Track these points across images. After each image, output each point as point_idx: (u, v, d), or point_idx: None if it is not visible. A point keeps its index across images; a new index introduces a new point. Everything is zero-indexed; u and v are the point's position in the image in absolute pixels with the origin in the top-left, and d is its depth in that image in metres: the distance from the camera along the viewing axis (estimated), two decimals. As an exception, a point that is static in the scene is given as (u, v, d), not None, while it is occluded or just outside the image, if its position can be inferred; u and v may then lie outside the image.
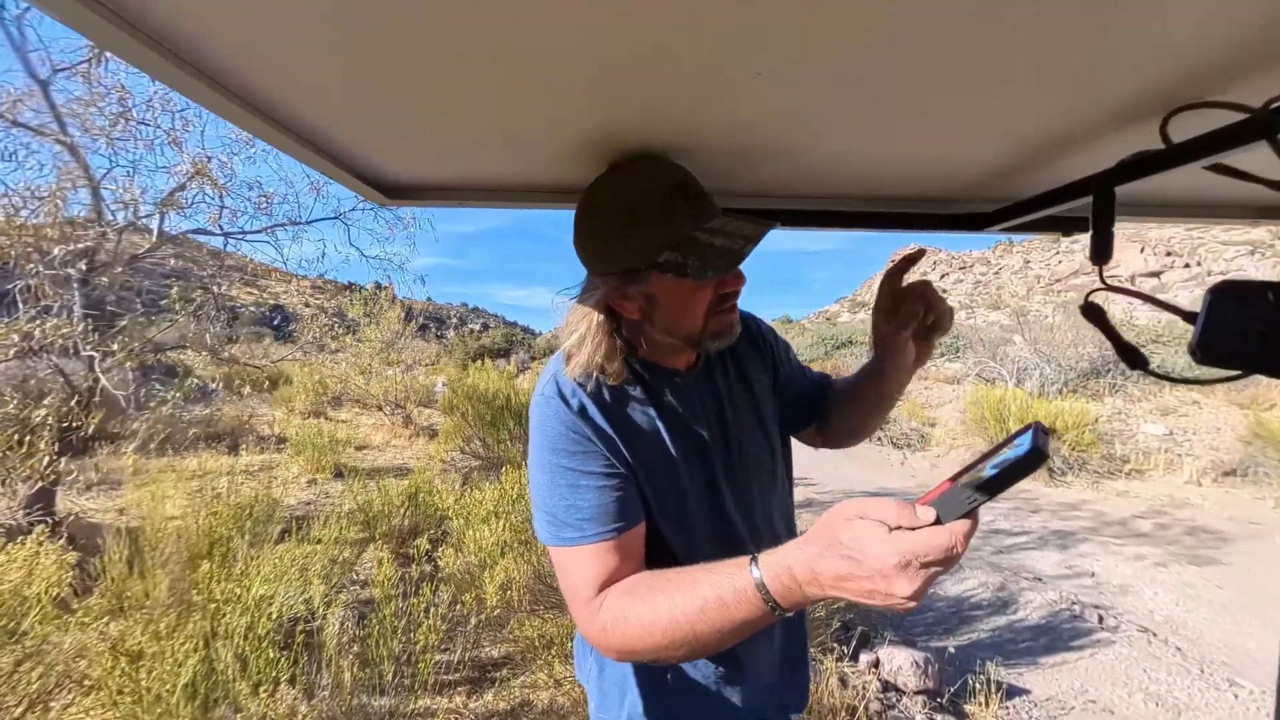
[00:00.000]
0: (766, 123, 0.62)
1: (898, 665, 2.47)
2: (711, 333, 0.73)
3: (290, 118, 0.63)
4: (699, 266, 0.64)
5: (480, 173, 0.80)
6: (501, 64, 0.49)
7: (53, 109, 2.59)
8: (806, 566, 0.52)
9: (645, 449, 0.74)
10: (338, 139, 0.71)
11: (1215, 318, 0.47)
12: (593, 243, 0.71)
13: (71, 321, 2.46)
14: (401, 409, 8.79)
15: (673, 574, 0.63)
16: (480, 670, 2.38)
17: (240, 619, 1.39)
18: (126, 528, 2.01)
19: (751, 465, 0.84)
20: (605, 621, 0.63)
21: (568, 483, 0.69)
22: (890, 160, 0.73)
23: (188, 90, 0.53)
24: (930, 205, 0.85)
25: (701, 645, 0.59)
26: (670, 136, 0.66)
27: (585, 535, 0.67)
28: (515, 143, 0.70)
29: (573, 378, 0.73)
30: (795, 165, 0.75)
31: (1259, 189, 0.73)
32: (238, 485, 3.46)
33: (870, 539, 0.48)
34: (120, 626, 1.49)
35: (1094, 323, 0.58)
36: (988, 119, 0.61)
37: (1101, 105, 0.56)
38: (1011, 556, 4.43)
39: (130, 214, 2.86)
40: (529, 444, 0.74)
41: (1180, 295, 36.02)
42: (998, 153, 0.69)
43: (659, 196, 0.66)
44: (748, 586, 0.55)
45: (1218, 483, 6.53)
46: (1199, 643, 3.16)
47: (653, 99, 0.56)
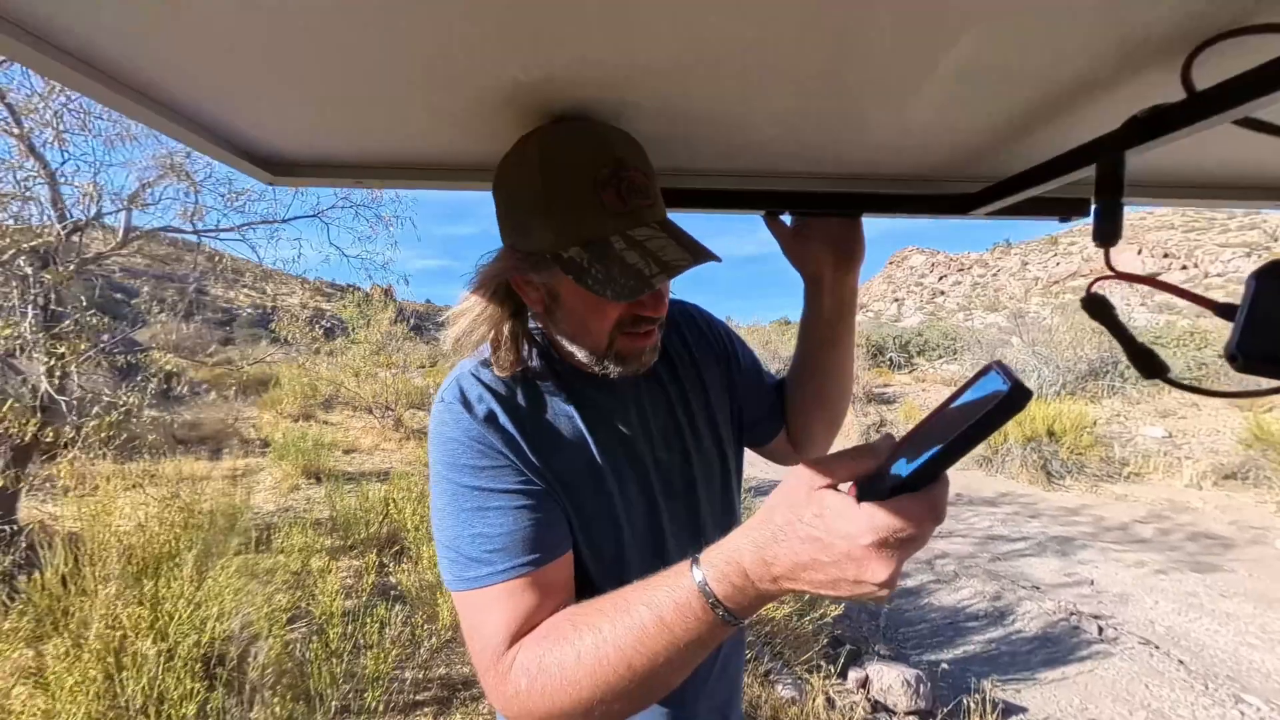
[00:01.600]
0: (713, 82, 0.50)
1: (888, 683, 2.35)
2: (617, 354, 0.60)
3: (149, 86, 0.52)
4: (600, 281, 0.52)
5: (381, 147, 0.68)
6: (380, 12, 0.38)
7: (2, 97, 2.47)
8: (757, 556, 0.42)
9: (569, 465, 0.62)
10: (207, 108, 0.59)
11: (1263, 310, 0.35)
12: (504, 207, 0.59)
13: (19, 321, 2.33)
14: (392, 412, 8.66)
15: (599, 601, 0.51)
16: (449, 689, 2.26)
17: (155, 645, 1.26)
18: (66, 539, 1.88)
19: (700, 479, 0.72)
20: (519, 683, 0.50)
21: (473, 506, 0.56)
22: (860, 131, 0.62)
23: (31, 62, 0.43)
24: (906, 185, 0.73)
25: (642, 689, 0.46)
26: (597, 98, 0.54)
27: (496, 571, 0.54)
28: (417, 108, 0.58)
29: (475, 374, 0.62)
30: (751, 138, 0.64)
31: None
32: (207, 492, 3.34)
33: (836, 514, 0.39)
34: (36, 650, 1.37)
35: (1099, 319, 0.47)
36: (972, 74, 0.49)
37: (1109, 48, 0.45)
38: (1009, 564, 4.32)
39: (87, 211, 2.74)
40: (429, 463, 0.62)
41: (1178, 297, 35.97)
42: (983, 118, 0.58)
43: (591, 176, 0.53)
44: (691, 597, 0.44)
45: (1218, 486, 6.43)
46: (1202, 655, 3.05)
47: (563, 44, 0.45)
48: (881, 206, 0.74)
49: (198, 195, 3.65)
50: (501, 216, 0.60)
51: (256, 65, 0.50)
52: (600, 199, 0.53)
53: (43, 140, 2.60)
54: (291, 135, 0.67)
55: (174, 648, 1.29)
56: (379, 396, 8.61)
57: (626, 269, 0.52)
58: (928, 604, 3.64)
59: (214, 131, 0.65)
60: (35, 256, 2.46)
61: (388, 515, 3.51)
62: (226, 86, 0.55)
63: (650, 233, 0.54)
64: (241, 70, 0.51)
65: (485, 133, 0.63)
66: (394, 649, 1.71)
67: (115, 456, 2.83)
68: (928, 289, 66.81)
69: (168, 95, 0.56)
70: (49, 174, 2.66)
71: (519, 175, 0.57)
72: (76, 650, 1.22)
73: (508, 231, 0.60)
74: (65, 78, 0.48)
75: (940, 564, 4.30)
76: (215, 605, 1.57)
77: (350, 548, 3.33)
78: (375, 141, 0.68)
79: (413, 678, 2.10)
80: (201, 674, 1.32)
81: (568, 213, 0.54)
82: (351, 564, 3.18)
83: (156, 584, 1.75)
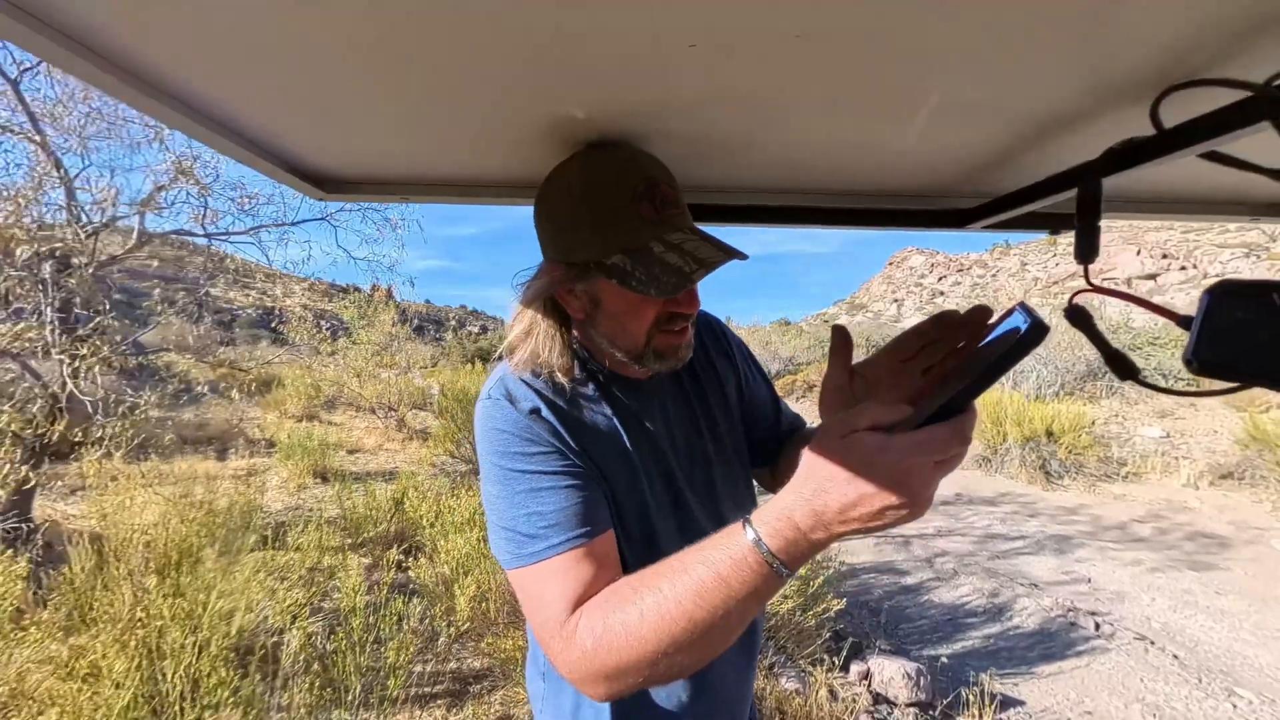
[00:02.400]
0: (732, 111, 0.57)
1: (889, 676, 2.41)
2: (655, 351, 0.66)
3: (212, 106, 0.58)
4: (644, 281, 0.58)
5: (423, 166, 0.74)
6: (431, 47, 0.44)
7: (25, 107, 2.53)
8: (808, 509, 0.46)
9: (606, 456, 0.68)
10: (263, 128, 0.65)
11: (1213, 322, 0.41)
12: (549, 225, 0.66)
13: (41, 324, 2.39)
14: (395, 412, 8.72)
15: (656, 566, 0.55)
16: (461, 682, 2.32)
17: (189, 636, 1.32)
18: (90, 536, 1.94)
19: (721, 484, 0.78)
20: (584, 643, 0.53)
21: (526, 488, 0.61)
22: (863, 153, 0.68)
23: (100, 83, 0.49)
24: (908, 201, 0.80)
25: (704, 640, 0.50)
26: (629, 127, 0.61)
27: (553, 545, 0.59)
28: (458, 133, 0.64)
29: (519, 376, 0.67)
30: (764, 158, 0.70)
31: (1258, 183, 0.67)
32: (219, 491, 3.39)
33: (872, 450, 0.43)
34: (74, 642, 1.42)
35: (1079, 328, 0.53)
36: (966, 106, 0.55)
37: (1087, 88, 0.51)
38: (1008, 562, 4.37)
39: (104, 215, 2.80)
40: (478, 456, 0.68)
41: (1176, 298, 36.14)
42: (977, 143, 0.64)
43: (628, 192, 0.60)
44: (746, 552, 0.48)
45: (1215, 485, 6.49)
46: (1197, 651, 3.11)
47: (602, 84, 0.51)
48: (885, 220, 0.80)
49: (208, 199, 3.72)
50: (547, 234, 0.66)
51: (314, 89, 0.55)
52: (638, 211, 0.60)
53: (63, 145, 2.66)
54: (342, 154, 0.73)
55: (209, 639, 1.35)
56: (382, 397, 8.67)
57: (668, 268, 0.58)
58: (927, 601, 3.70)
59: (268, 149, 0.70)
60: (55, 260, 2.52)
61: (397, 514, 3.57)
62: (283, 107, 0.60)
63: (684, 236, 0.61)
64: (298, 93, 0.56)
65: (528, 155, 0.69)
66: (413, 640, 1.77)
67: (126, 456, 2.88)
68: (927, 289, 66.91)
69: (226, 115, 0.61)
70: (66, 179, 2.72)
71: (563, 196, 0.63)
72: (118, 642, 1.28)
73: (552, 247, 0.66)
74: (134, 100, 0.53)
75: (940, 562, 4.35)
76: (241, 599, 1.63)
77: (360, 545, 3.39)
78: (422, 162, 0.74)
79: (428, 670, 2.16)
80: (237, 663, 1.38)
81: (609, 225, 0.60)
82: (361, 561, 3.24)
83: (179, 578, 1.81)
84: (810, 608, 2.59)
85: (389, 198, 0.80)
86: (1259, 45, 0.42)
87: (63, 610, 1.60)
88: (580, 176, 0.62)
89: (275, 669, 1.42)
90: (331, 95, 0.56)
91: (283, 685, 1.38)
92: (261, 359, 5.25)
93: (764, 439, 0.87)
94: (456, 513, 2.72)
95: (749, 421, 0.86)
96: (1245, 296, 0.40)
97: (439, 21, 0.39)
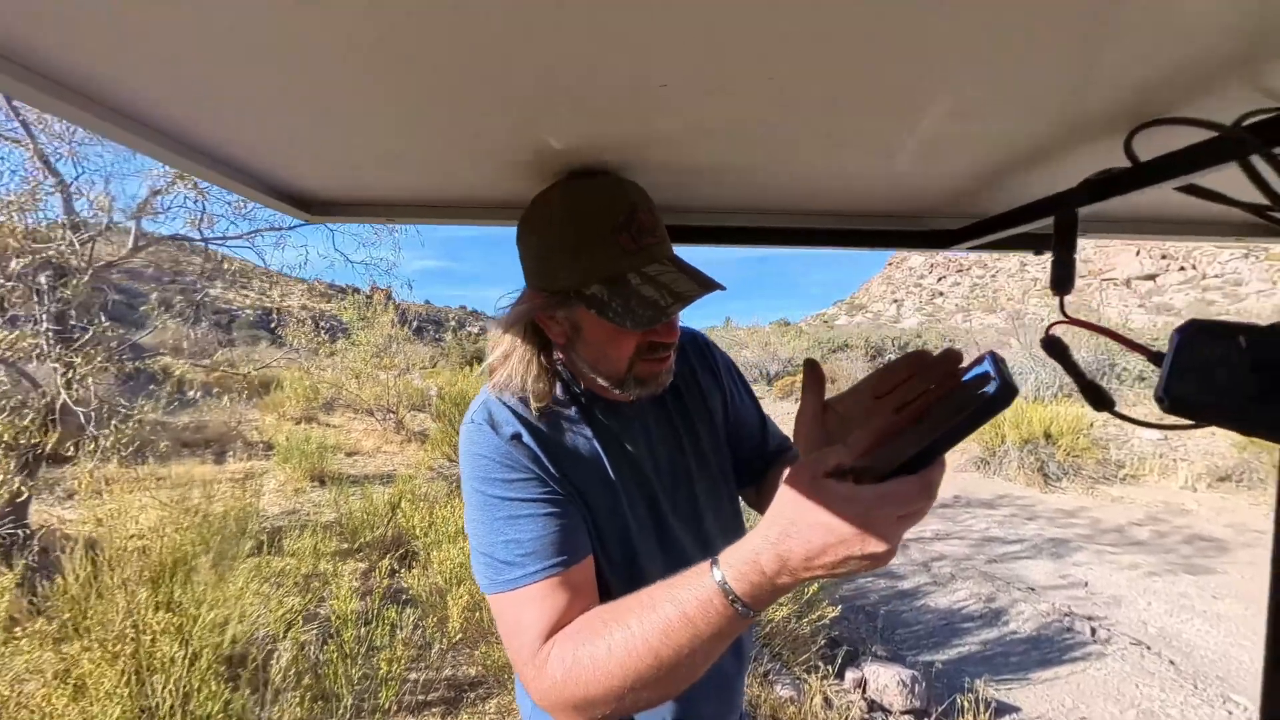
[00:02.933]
0: (715, 143, 0.57)
1: (884, 684, 2.41)
2: (637, 378, 0.67)
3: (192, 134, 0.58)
4: (620, 313, 0.59)
5: (408, 188, 0.75)
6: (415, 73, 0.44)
7: (17, 114, 2.53)
8: (773, 554, 0.47)
9: (587, 480, 0.68)
10: (246, 153, 0.65)
11: (1183, 362, 0.41)
12: (531, 252, 0.66)
13: (37, 333, 2.39)
14: (394, 414, 8.71)
15: (626, 600, 0.56)
16: (456, 690, 2.32)
17: (180, 649, 1.32)
18: (86, 543, 1.94)
19: (705, 503, 0.78)
20: (555, 674, 0.55)
21: (505, 515, 0.62)
22: (850, 177, 0.68)
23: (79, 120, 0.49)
24: (894, 222, 0.80)
25: (669, 677, 0.52)
26: (614, 152, 0.61)
27: (529, 573, 0.60)
28: (442, 157, 0.65)
29: (502, 400, 0.68)
30: (749, 183, 0.70)
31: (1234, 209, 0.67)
32: (215, 496, 3.39)
33: (840, 500, 0.44)
34: (66, 651, 1.42)
35: (1055, 358, 0.53)
36: (947, 135, 0.55)
37: (1065, 121, 0.51)
38: (1004, 566, 4.38)
39: (101, 221, 2.79)
40: (461, 478, 0.69)
41: (1175, 298, 36.12)
42: (961, 169, 0.64)
43: (608, 222, 0.60)
44: (712, 594, 0.49)
45: (1213, 488, 6.49)
46: (1192, 656, 3.11)
47: (583, 115, 0.51)
48: (871, 241, 0.80)
49: (205, 203, 3.72)
50: (529, 260, 0.67)
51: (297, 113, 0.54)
52: (617, 241, 0.60)
53: (55, 151, 2.66)
54: (325, 179, 0.73)
55: (199, 651, 1.35)
56: (380, 399, 8.66)
57: (643, 301, 0.59)
58: (923, 605, 3.70)
59: (252, 174, 0.70)
60: (50, 268, 2.52)
61: (394, 519, 3.56)
62: (266, 133, 0.60)
63: (661, 268, 0.61)
64: (281, 117, 0.55)
65: (512, 178, 0.69)
66: (406, 651, 1.77)
67: (123, 460, 2.88)
68: (926, 290, 66.92)
69: (208, 141, 0.61)
70: (62, 186, 2.72)
71: (544, 224, 0.63)
72: (109, 654, 1.27)
73: (534, 274, 0.66)
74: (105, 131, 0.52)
75: (937, 566, 4.35)
76: (235, 608, 1.63)
77: (357, 550, 3.39)
78: (403, 184, 0.74)
79: (422, 679, 2.16)
80: (226, 676, 1.38)
81: (590, 255, 0.61)
82: (358, 567, 3.23)
83: (172, 587, 1.81)
84: (805, 615, 2.59)
85: (374, 219, 0.80)
86: (1229, 86, 0.42)
87: (55, 621, 1.60)
88: (561, 205, 0.62)
89: (266, 680, 1.42)
90: (315, 119, 0.56)
91: (273, 699, 1.38)
92: (259, 361, 5.25)
93: (750, 458, 0.87)
94: (450, 522, 2.71)
95: (735, 440, 0.86)
96: (1214, 336, 0.40)
97: (423, 47, 0.39)
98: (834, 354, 19.30)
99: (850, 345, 20.63)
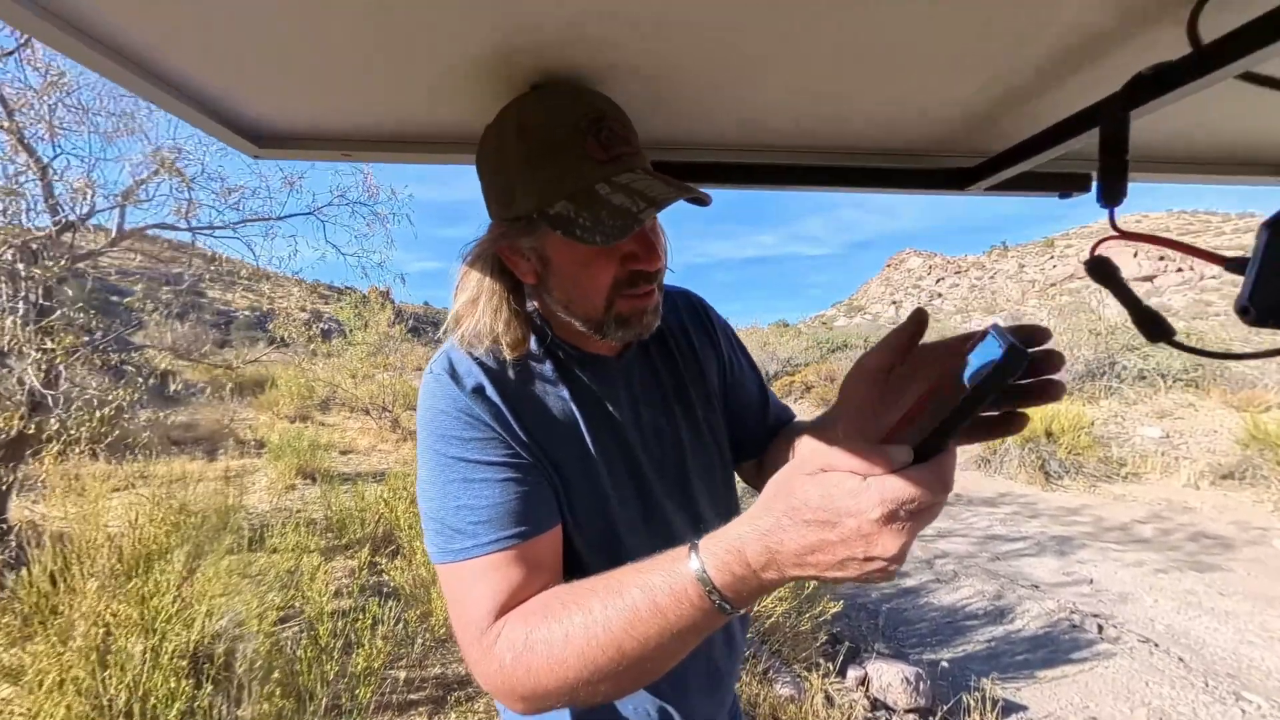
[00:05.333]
0: (700, 55, 0.50)
1: (887, 681, 2.33)
2: (618, 317, 0.58)
3: (134, 50, 0.52)
4: (588, 228, 0.50)
5: (367, 119, 0.67)
6: None
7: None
8: (761, 545, 0.41)
9: (559, 444, 0.60)
10: (193, 77, 0.59)
11: (1276, 260, 0.34)
12: (488, 176, 0.58)
13: (9, 322, 2.30)
14: (389, 413, 8.63)
15: (591, 581, 0.49)
16: (444, 689, 2.23)
17: (139, 643, 1.23)
18: (54, 538, 1.85)
19: (695, 474, 0.70)
20: (503, 657, 0.48)
21: (459, 478, 0.55)
22: (851, 102, 0.60)
23: (27, 27, 0.45)
24: (903, 160, 0.72)
25: (631, 671, 0.45)
26: (584, 64, 0.53)
27: (480, 544, 0.53)
28: (401, 79, 0.57)
29: (467, 350, 0.60)
30: (741, 109, 0.63)
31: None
32: (199, 492, 3.30)
33: (844, 493, 0.37)
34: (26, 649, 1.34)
35: (1104, 283, 0.45)
36: (965, 39, 0.48)
37: (1108, 4, 0.43)
38: (1008, 563, 4.30)
39: (82, 207, 2.72)
40: (416, 436, 0.61)
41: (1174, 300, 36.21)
42: (981, 86, 0.56)
43: (571, 127, 0.52)
44: (688, 584, 0.43)
45: (1215, 485, 6.42)
46: (1202, 653, 3.03)
47: (563, 14, 0.44)
48: (877, 181, 0.72)
49: (190, 191, 3.64)
50: (485, 188, 0.59)
51: (242, 35, 0.50)
52: (584, 149, 0.52)
53: (35, 135, 2.59)
54: (277, 107, 0.65)
55: (159, 645, 1.26)
56: (376, 398, 8.58)
57: (615, 211, 0.50)
58: (927, 603, 3.62)
59: (199, 101, 0.63)
60: (26, 253, 2.43)
61: (383, 515, 3.48)
62: (213, 56, 0.54)
63: (634, 176, 0.52)
64: (228, 40, 0.51)
65: (470, 104, 0.61)
66: (386, 645, 1.69)
67: (108, 457, 2.79)
68: (925, 291, 67.02)
69: (154, 63, 0.55)
70: (41, 168, 2.64)
71: (499, 141, 0.55)
72: (59, 649, 1.19)
73: (492, 202, 0.59)
74: (57, 41, 0.48)
75: (940, 564, 4.28)
76: (204, 604, 1.54)
77: (345, 547, 3.30)
78: (361, 114, 0.66)
79: (406, 677, 2.07)
80: (189, 671, 1.28)
81: (551, 167, 0.53)
82: (346, 564, 3.15)
83: (145, 581, 1.73)
84: (805, 610, 2.50)
85: (327, 155, 0.72)
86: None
87: (10, 615, 1.51)
88: (517, 117, 0.54)
89: (231, 678, 1.33)
90: (262, 40, 0.50)
91: (236, 697, 1.28)
92: (249, 358, 5.16)
93: (751, 430, 0.79)
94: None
95: (733, 411, 0.78)
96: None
97: None
98: (833, 354, 19.26)
99: (849, 345, 20.61)
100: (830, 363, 16.90)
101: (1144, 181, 0.72)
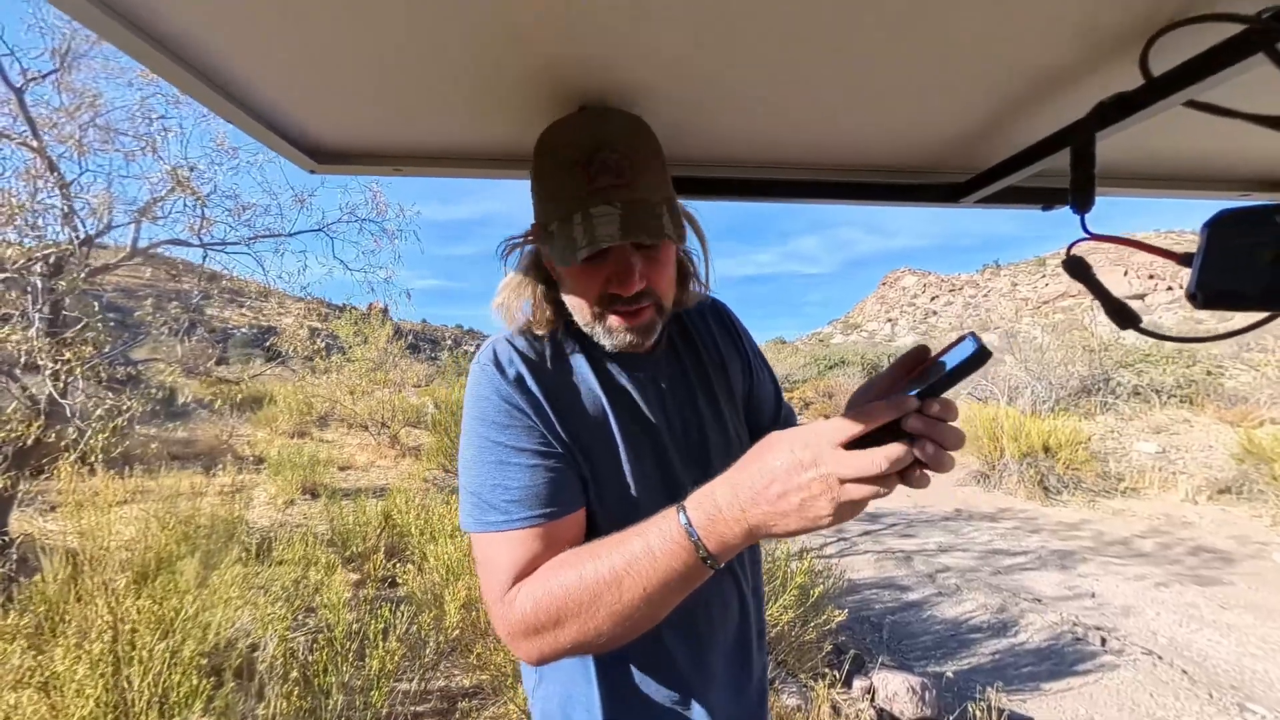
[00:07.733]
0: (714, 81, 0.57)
1: (893, 691, 2.33)
2: (606, 329, 0.65)
3: (211, 67, 0.58)
4: (560, 249, 0.58)
5: (421, 136, 0.74)
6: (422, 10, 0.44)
7: (26, 116, 2.54)
8: (727, 484, 0.49)
9: (587, 431, 0.66)
10: (259, 94, 0.65)
11: (1215, 252, 0.41)
12: (530, 183, 0.66)
13: (31, 333, 2.35)
14: (387, 429, 8.61)
15: (599, 540, 0.56)
16: (449, 701, 2.22)
17: (160, 642, 1.25)
18: (66, 550, 1.87)
19: (719, 463, 0.76)
20: (524, 606, 0.56)
21: (496, 459, 0.62)
22: (851, 125, 0.68)
23: (116, 39, 0.50)
24: (899, 175, 0.80)
25: (629, 611, 0.52)
26: (617, 90, 0.61)
27: (510, 519, 0.60)
28: (455, 100, 0.64)
29: (511, 341, 0.68)
30: (751, 129, 0.70)
31: (1246, 157, 0.68)
32: (202, 506, 3.30)
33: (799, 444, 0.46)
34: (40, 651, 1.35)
35: (1078, 278, 0.52)
36: (953, 74, 0.56)
37: (1075, 40, 0.51)
38: (1010, 577, 4.30)
39: (100, 222, 2.79)
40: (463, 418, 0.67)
41: (1165, 318, 36.66)
42: (966, 112, 0.64)
43: (573, 153, 0.58)
44: (676, 532, 0.50)
45: (1213, 500, 6.45)
46: (1205, 665, 3.04)
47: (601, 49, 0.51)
48: (878, 195, 0.80)
49: (204, 209, 3.72)
50: (532, 187, 0.67)
51: (318, 61, 0.56)
52: (576, 176, 0.58)
53: (62, 154, 2.67)
54: (335, 125, 0.72)
55: (178, 648, 1.27)
56: (375, 414, 8.57)
57: (570, 242, 0.57)
58: (930, 616, 3.62)
59: (265, 117, 0.70)
60: (46, 266, 2.50)
61: (385, 529, 3.48)
62: (280, 74, 0.60)
63: (607, 210, 0.56)
64: (303, 64, 0.56)
65: (515, 123, 0.69)
66: (400, 648, 1.70)
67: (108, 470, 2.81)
68: (920, 309, 67.66)
69: (225, 79, 0.61)
70: (63, 186, 2.72)
71: (537, 155, 0.63)
72: (80, 650, 1.20)
73: (534, 200, 0.66)
74: (144, 55, 0.53)
75: (942, 577, 4.27)
76: (214, 613, 1.56)
77: (348, 560, 3.29)
78: (412, 132, 0.73)
79: (413, 689, 2.07)
80: (209, 670, 1.30)
81: (554, 189, 0.61)
82: (349, 577, 3.14)
83: (154, 588, 1.74)
84: (810, 619, 2.52)
85: (382, 169, 0.79)
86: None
87: (31, 620, 1.53)
88: (546, 137, 0.62)
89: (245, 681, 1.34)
90: (329, 64, 0.56)
91: (257, 694, 1.29)
92: (250, 373, 5.19)
93: (767, 428, 0.86)
94: (446, 520, 2.65)
95: (752, 412, 0.85)
96: (1246, 223, 0.40)
97: None
98: (830, 370, 19.35)
99: (846, 362, 20.73)
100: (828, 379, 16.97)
101: (1110, 195, 0.80)
